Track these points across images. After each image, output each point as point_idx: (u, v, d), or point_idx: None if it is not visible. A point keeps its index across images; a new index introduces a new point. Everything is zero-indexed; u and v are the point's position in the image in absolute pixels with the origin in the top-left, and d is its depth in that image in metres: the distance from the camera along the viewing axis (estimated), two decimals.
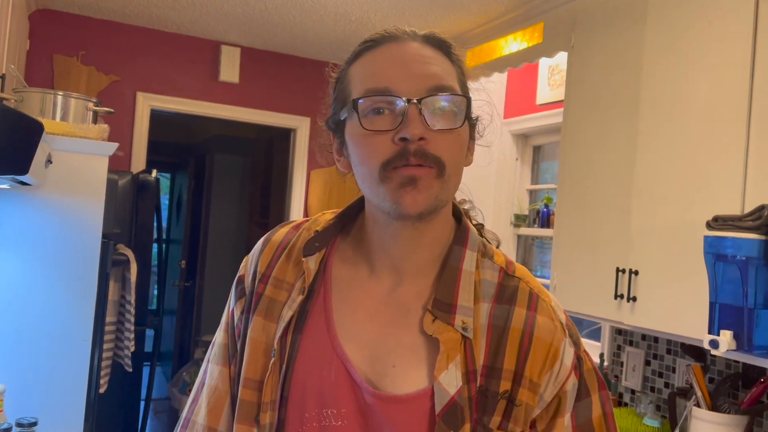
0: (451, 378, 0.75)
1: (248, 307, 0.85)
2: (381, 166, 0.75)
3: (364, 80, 0.78)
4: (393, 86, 0.76)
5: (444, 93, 0.76)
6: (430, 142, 0.74)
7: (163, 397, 5.02)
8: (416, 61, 0.78)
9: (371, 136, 0.76)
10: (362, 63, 0.81)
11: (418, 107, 0.74)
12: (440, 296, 0.79)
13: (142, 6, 3.25)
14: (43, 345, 2.04)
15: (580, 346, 0.82)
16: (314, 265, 0.83)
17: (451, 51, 0.83)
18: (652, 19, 2.07)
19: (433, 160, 0.74)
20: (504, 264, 0.84)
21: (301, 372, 0.79)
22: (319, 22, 3.27)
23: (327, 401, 0.77)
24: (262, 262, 0.87)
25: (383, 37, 0.81)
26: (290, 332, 0.80)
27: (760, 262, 1.53)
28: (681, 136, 1.93)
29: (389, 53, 0.79)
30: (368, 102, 0.76)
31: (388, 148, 0.75)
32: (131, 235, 2.84)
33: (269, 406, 0.79)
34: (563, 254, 2.40)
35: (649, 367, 2.38)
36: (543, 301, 0.81)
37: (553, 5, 2.63)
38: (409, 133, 0.73)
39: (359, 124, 0.76)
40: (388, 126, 0.75)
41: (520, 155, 3.31)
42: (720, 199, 1.76)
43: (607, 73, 2.25)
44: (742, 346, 1.57)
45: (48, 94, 2.19)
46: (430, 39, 0.81)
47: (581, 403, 0.80)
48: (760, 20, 1.72)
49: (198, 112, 3.80)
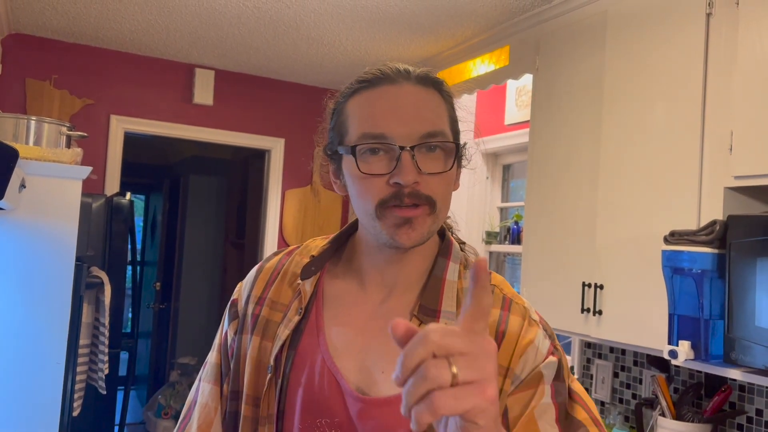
0: None
1: (241, 328, 0.91)
2: (377, 204, 0.81)
3: (361, 123, 0.83)
4: (388, 132, 0.81)
5: (435, 139, 0.81)
6: (422, 184, 0.80)
7: (137, 421, 4.96)
8: (410, 107, 0.83)
9: (367, 178, 0.81)
10: (359, 102, 0.85)
11: (411, 153, 0.80)
12: (426, 303, 0.85)
13: (114, 30, 3.28)
14: (16, 368, 2.03)
15: (554, 340, 0.86)
16: (310, 288, 0.89)
17: (443, 88, 0.87)
18: (612, 45, 2.16)
19: (425, 199, 0.81)
20: None
21: (295, 386, 0.84)
22: (292, 46, 3.33)
23: (320, 412, 0.83)
24: (257, 286, 0.93)
25: (379, 78, 0.85)
26: (285, 349, 0.86)
27: (714, 274, 1.60)
28: (641, 155, 2.01)
29: (384, 97, 0.83)
30: (365, 146, 0.81)
31: (383, 189, 0.80)
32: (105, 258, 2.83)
33: (267, 420, 0.85)
34: (532, 270, 2.46)
35: (617, 379, 2.45)
36: (516, 303, 0.87)
37: (517, 29, 2.72)
38: (402, 180, 0.79)
39: (356, 166, 0.82)
40: (383, 170, 0.80)
41: (490, 174, 3.39)
42: (678, 215, 1.84)
43: (571, 95, 2.34)
44: (700, 356, 1.64)
45: (21, 119, 2.20)
46: (423, 79, 0.86)
47: (559, 383, 0.83)
48: (711, 47, 1.82)
49: (172, 135, 3.82)
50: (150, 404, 4.61)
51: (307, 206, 4.10)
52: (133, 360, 3.27)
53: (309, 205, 4.10)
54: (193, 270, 5.30)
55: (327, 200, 4.10)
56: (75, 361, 2.27)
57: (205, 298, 5.35)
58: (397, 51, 3.26)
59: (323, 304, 0.89)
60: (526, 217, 2.54)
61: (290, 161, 4.04)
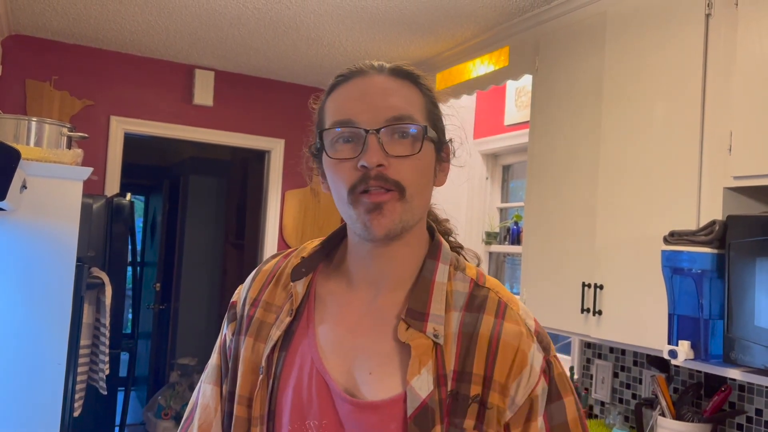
0: (423, 382, 0.79)
1: (239, 329, 0.92)
2: (348, 190, 0.82)
3: (333, 113, 0.86)
4: (355, 117, 0.83)
5: (401, 122, 0.82)
6: (390, 168, 0.81)
7: (138, 422, 4.96)
8: (378, 94, 0.84)
9: (338, 164, 0.83)
10: (333, 97, 0.88)
11: (377, 136, 0.81)
12: (414, 305, 0.84)
13: (114, 31, 3.29)
14: (16, 368, 2.03)
15: (549, 351, 0.85)
16: (302, 289, 0.90)
17: (419, 81, 0.88)
18: (611, 46, 2.17)
19: (393, 183, 0.81)
20: (475, 276, 0.89)
21: (285, 387, 0.85)
22: (292, 47, 3.33)
23: (308, 414, 0.83)
24: (253, 288, 0.94)
25: (352, 72, 0.87)
26: (277, 350, 0.87)
27: (713, 274, 1.61)
28: (640, 155, 2.01)
29: (355, 87, 0.86)
30: (333, 133, 0.84)
31: (352, 174, 0.82)
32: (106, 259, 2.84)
33: (258, 420, 0.85)
34: (532, 270, 2.47)
35: (617, 379, 2.45)
36: (511, 309, 0.85)
37: (517, 30, 2.72)
38: (366, 161, 0.80)
39: (326, 153, 0.84)
40: (350, 154, 0.82)
41: (490, 174, 3.39)
42: (678, 215, 1.85)
43: (570, 96, 2.34)
44: (700, 356, 1.64)
45: (22, 120, 2.20)
46: (396, 71, 0.87)
47: (554, 405, 0.83)
48: (710, 48, 1.83)
49: (172, 136, 3.82)
50: (150, 405, 4.61)
51: (307, 207, 4.10)
52: (134, 361, 3.27)
53: (309, 206, 4.11)
54: (193, 271, 5.30)
55: (327, 201, 4.10)
56: (76, 361, 2.28)
57: (205, 298, 5.36)
58: (397, 52, 3.26)
59: (315, 305, 0.90)
60: (526, 218, 2.55)
61: (290, 162, 4.04)
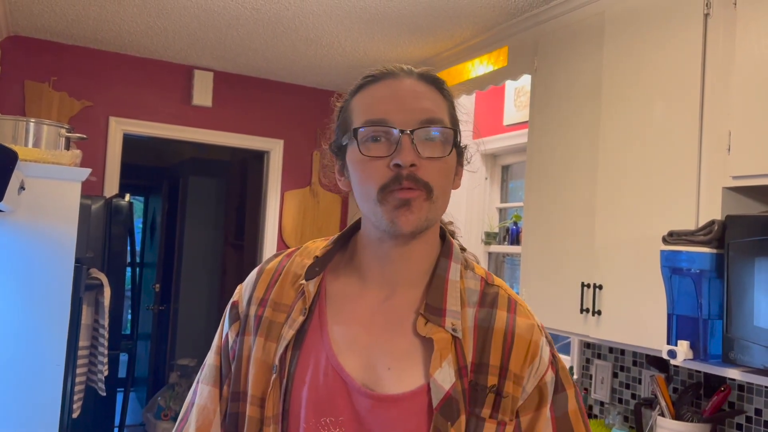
0: (445, 375, 0.82)
1: (243, 329, 0.92)
2: (379, 189, 0.83)
3: (364, 111, 0.87)
4: (389, 117, 0.84)
5: (434, 125, 0.85)
6: (420, 169, 0.83)
7: (137, 423, 4.95)
8: (410, 96, 0.87)
9: (369, 162, 0.85)
10: (363, 96, 0.89)
11: (411, 137, 0.83)
12: (431, 302, 0.87)
13: (113, 32, 3.28)
14: (15, 369, 2.03)
15: (553, 346, 0.92)
16: (314, 288, 0.90)
17: (443, 87, 0.91)
18: (610, 46, 2.17)
19: (423, 184, 0.83)
20: (484, 275, 0.93)
21: (300, 385, 0.85)
22: (291, 47, 3.33)
23: (324, 410, 0.83)
24: (259, 288, 0.94)
25: (382, 74, 0.90)
26: (290, 349, 0.87)
27: (712, 274, 1.61)
28: (639, 155, 2.01)
29: (387, 88, 0.88)
30: (367, 131, 0.85)
31: (384, 173, 0.83)
32: (105, 260, 2.83)
33: (272, 420, 0.85)
34: (531, 270, 2.47)
35: (616, 379, 2.45)
36: (520, 305, 0.91)
37: (516, 30, 2.72)
38: (401, 160, 0.82)
39: (358, 150, 0.85)
40: (383, 153, 0.84)
41: (489, 174, 3.39)
42: (677, 215, 1.85)
43: (569, 96, 2.34)
44: (699, 356, 1.64)
45: (20, 121, 2.20)
46: (425, 76, 0.90)
47: (558, 396, 0.88)
48: (709, 48, 1.83)
49: (171, 136, 3.82)
50: (149, 406, 4.61)
51: (306, 207, 4.10)
52: (133, 361, 3.27)
53: (308, 207, 4.10)
54: (192, 271, 5.30)
55: (326, 201, 4.10)
56: (74, 362, 2.28)
57: (205, 299, 5.35)
58: (396, 52, 3.26)
59: (326, 303, 0.90)
60: (525, 218, 2.55)
61: (289, 162, 4.04)
